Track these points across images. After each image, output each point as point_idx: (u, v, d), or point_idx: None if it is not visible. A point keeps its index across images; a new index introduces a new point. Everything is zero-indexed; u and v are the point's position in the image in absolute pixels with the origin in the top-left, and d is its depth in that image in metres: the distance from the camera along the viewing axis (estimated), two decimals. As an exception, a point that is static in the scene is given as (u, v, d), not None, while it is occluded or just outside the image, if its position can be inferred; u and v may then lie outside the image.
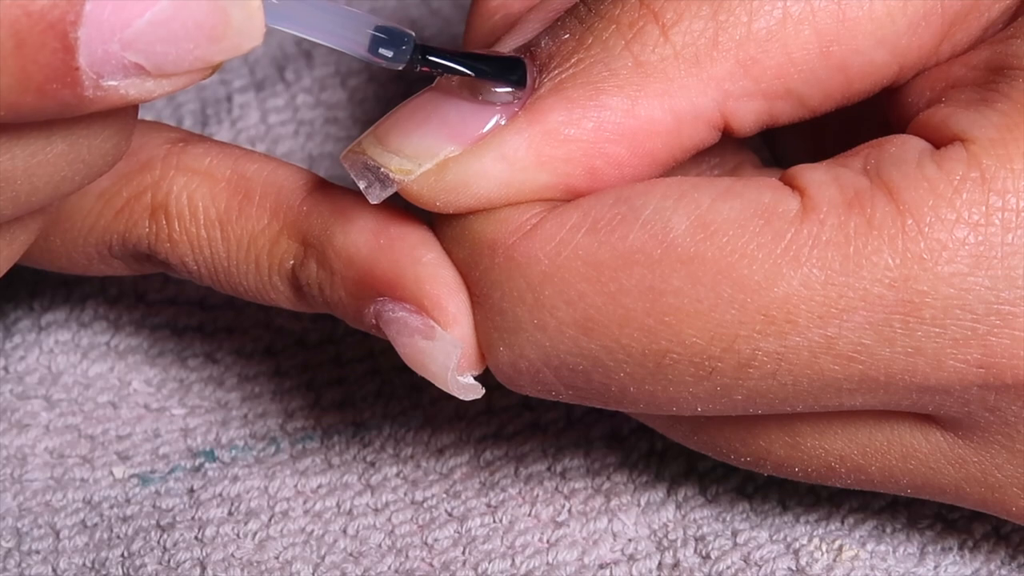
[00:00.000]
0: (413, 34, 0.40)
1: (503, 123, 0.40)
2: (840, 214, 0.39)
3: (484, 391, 0.43)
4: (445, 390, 0.43)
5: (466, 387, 0.43)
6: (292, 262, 0.44)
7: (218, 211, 0.45)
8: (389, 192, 0.41)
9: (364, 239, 0.43)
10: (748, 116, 0.41)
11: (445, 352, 0.42)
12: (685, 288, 0.39)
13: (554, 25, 0.42)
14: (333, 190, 0.44)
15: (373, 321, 0.43)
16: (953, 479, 0.43)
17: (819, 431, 0.43)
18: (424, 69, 0.40)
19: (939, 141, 0.40)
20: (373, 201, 0.41)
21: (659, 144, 0.40)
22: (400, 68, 0.40)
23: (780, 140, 0.49)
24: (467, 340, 0.42)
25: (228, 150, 0.46)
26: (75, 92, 0.34)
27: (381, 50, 0.39)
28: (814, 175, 0.40)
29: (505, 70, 0.41)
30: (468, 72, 0.40)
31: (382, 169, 0.41)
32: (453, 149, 0.40)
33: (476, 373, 0.43)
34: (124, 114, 0.38)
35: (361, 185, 0.41)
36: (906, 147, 0.40)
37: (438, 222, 0.42)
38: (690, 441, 0.45)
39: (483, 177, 0.40)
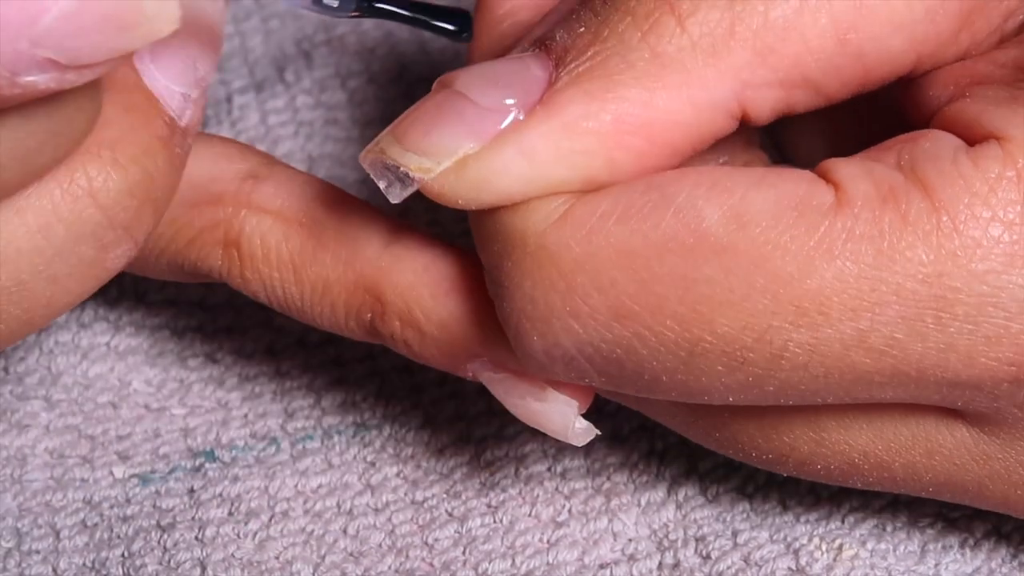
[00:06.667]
0: None
1: (521, 118, 0.40)
2: (874, 208, 0.39)
3: (597, 432, 0.44)
4: (564, 441, 0.44)
5: (583, 433, 0.44)
6: (370, 315, 0.44)
7: (291, 254, 0.45)
8: (409, 191, 0.40)
9: (455, 305, 0.43)
10: (766, 104, 0.41)
11: (562, 413, 0.43)
12: (718, 278, 0.39)
13: (568, 18, 0.42)
14: (411, 242, 0.44)
15: (471, 375, 0.44)
16: (976, 476, 0.43)
17: (844, 426, 0.43)
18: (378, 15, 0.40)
19: (971, 138, 0.40)
20: (394, 201, 0.41)
21: (678, 134, 0.40)
22: (350, 15, 0.40)
23: (791, 143, 0.49)
24: (575, 395, 0.43)
25: (300, 189, 0.46)
26: None
27: (325, 0, 0.39)
28: (848, 169, 0.40)
29: (451, 18, 0.40)
30: (413, 16, 0.40)
31: (401, 168, 0.40)
32: (472, 146, 0.40)
33: (583, 412, 0.44)
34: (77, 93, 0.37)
35: (381, 185, 0.41)
36: (940, 143, 0.40)
37: (471, 219, 0.42)
38: (710, 439, 0.45)
39: (503, 173, 0.40)
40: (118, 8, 0.34)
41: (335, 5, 0.39)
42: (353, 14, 0.39)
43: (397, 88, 0.62)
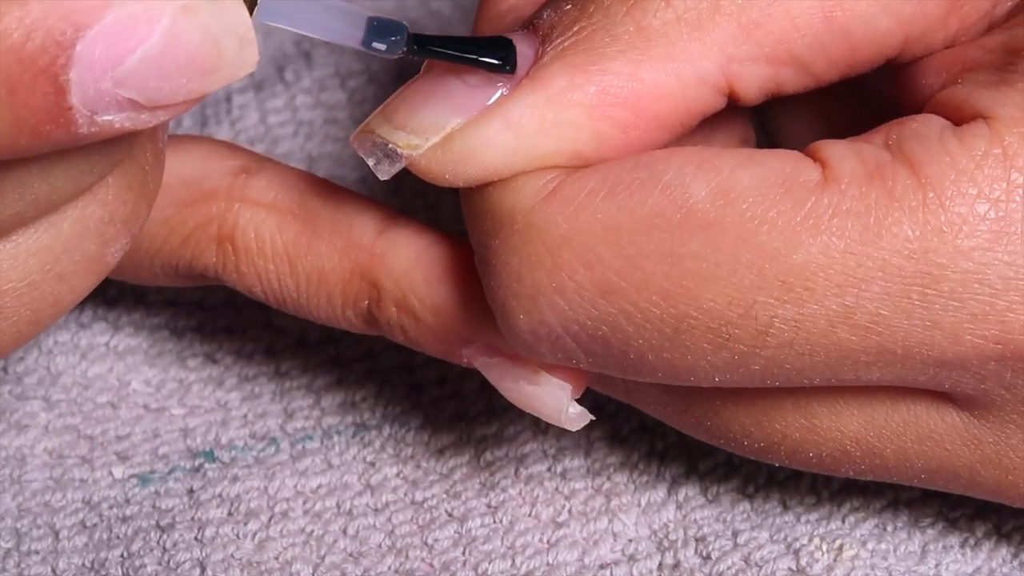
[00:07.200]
0: (406, 25, 0.40)
1: (507, 93, 0.40)
2: (861, 185, 0.39)
3: (592, 417, 0.44)
4: (558, 425, 0.44)
5: (577, 418, 0.44)
6: (367, 302, 0.45)
7: (286, 245, 0.45)
8: (398, 168, 0.41)
9: (449, 290, 0.43)
10: (753, 82, 0.41)
11: (555, 396, 0.43)
12: (704, 253, 0.39)
13: None
14: (405, 229, 0.44)
15: (466, 361, 0.44)
16: (968, 461, 0.43)
17: (835, 412, 0.43)
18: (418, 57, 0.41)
19: (959, 119, 0.40)
20: (383, 177, 0.41)
21: (664, 108, 0.40)
22: (395, 58, 0.40)
23: (785, 142, 0.49)
24: (568, 379, 0.43)
25: (292, 181, 0.46)
26: (69, 131, 0.34)
27: (375, 43, 0.40)
28: (836, 148, 0.40)
29: (496, 51, 0.41)
30: (461, 58, 0.41)
31: (390, 145, 0.41)
32: (459, 122, 0.40)
33: (577, 397, 0.44)
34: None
35: (370, 162, 0.41)
36: (928, 124, 0.40)
37: (462, 200, 0.42)
38: (701, 429, 0.45)
39: (489, 145, 0.40)
40: (202, 51, 0.34)
41: (383, 48, 0.40)
42: (402, 54, 0.40)
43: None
